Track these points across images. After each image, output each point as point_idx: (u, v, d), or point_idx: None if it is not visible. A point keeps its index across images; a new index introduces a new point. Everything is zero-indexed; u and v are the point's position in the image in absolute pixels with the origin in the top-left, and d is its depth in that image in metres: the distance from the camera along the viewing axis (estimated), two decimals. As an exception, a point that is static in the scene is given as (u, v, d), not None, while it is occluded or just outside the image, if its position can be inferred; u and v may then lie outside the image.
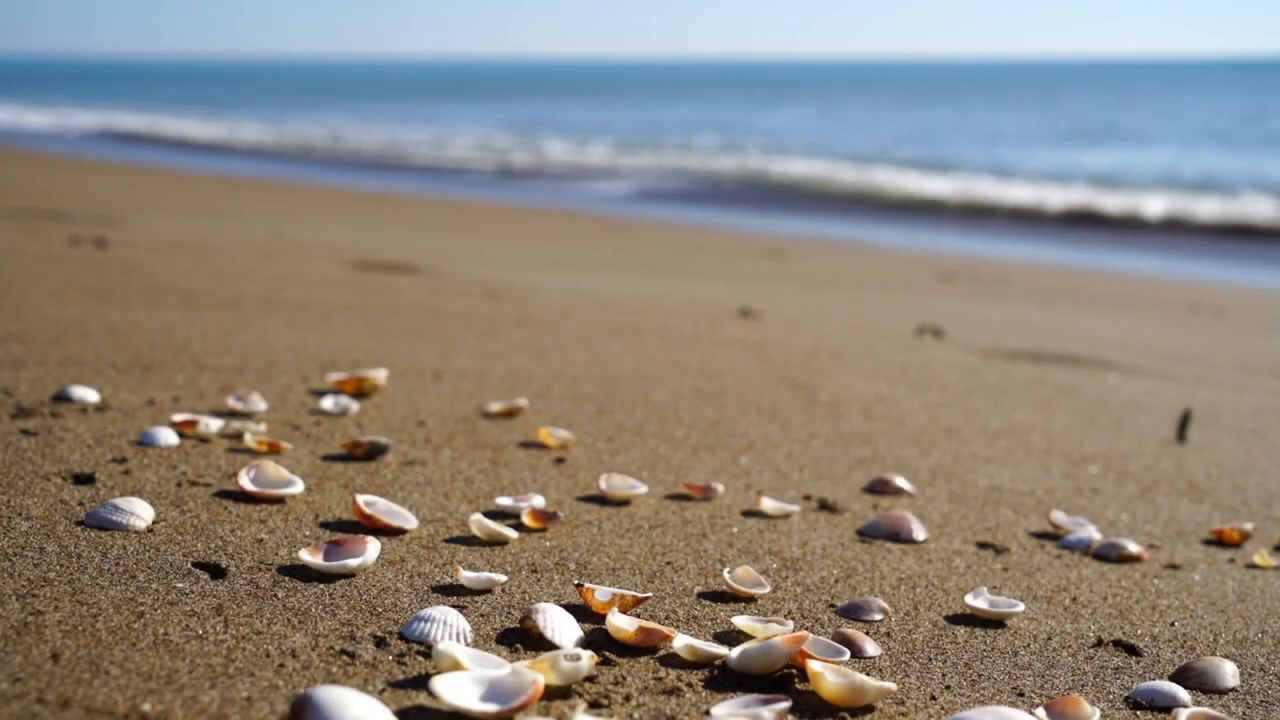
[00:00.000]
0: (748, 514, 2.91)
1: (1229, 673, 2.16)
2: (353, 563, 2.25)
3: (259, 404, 3.39)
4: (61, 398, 3.28)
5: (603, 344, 4.89)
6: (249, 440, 3.00)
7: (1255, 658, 2.30)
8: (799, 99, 59.61)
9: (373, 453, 3.05)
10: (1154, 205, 17.77)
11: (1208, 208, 17.44)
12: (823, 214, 17.23)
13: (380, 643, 1.97)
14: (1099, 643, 2.29)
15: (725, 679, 1.97)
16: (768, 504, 2.91)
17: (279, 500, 2.64)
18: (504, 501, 2.74)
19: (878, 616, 2.32)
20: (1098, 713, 1.92)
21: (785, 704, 1.82)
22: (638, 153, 26.74)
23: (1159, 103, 52.38)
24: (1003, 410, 4.32)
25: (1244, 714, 2.06)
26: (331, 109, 45.45)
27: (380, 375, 3.71)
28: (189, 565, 2.23)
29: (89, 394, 3.31)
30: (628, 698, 1.86)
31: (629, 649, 2.05)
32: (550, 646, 2.02)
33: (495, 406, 3.62)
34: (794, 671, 2.01)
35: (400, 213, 12.72)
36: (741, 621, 2.16)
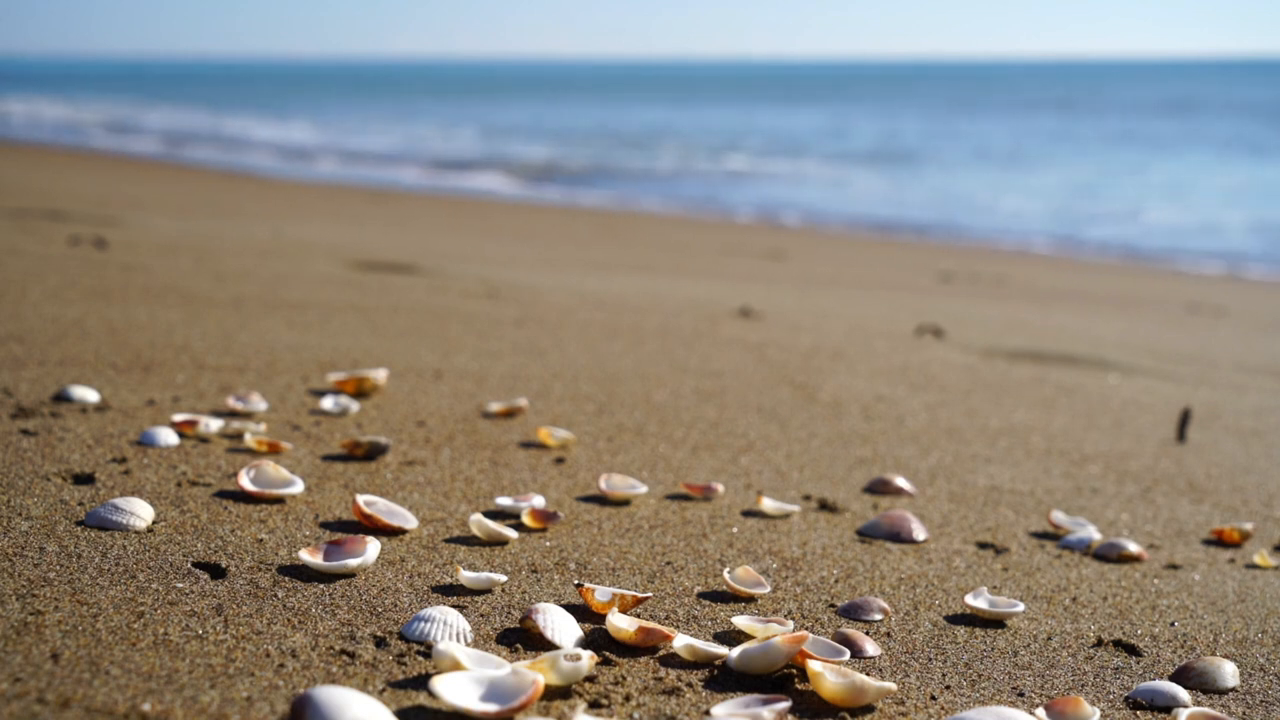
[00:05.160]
0: (748, 514, 2.91)
1: (1229, 673, 2.16)
2: (353, 563, 2.25)
3: (259, 404, 3.39)
4: (61, 398, 3.28)
5: (603, 344, 4.89)
6: (249, 440, 3.00)
7: (1255, 658, 2.30)
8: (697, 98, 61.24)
9: (373, 453, 3.05)
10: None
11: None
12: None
13: (380, 643, 1.97)
14: (1099, 643, 2.29)
15: (725, 679, 1.97)
16: (768, 504, 2.91)
17: (279, 500, 2.64)
18: (504, 501, 2.74)
19: (878, 616, 2.32)
20: (1098, 713, 1.92)
21: (785, 704, 1.82)
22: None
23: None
24: (1003, 410, 4.32)
25: (1244, 714, 2.06)
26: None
27: (380, 375, 3.71)
28: (189, 565, 2.23)
29: (89, 394, 3.31)
30: (628, 698, 1.86)
31: (629, 649, 2.05)
32: (550, 646, 2.02)
33: (495, 406, 3.62)
34: (794, 671, 2.01)
35: (400, 213, 12.72)
36: (741, 621, 2.16)
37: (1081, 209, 18.00)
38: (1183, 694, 2.05)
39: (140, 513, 2.40)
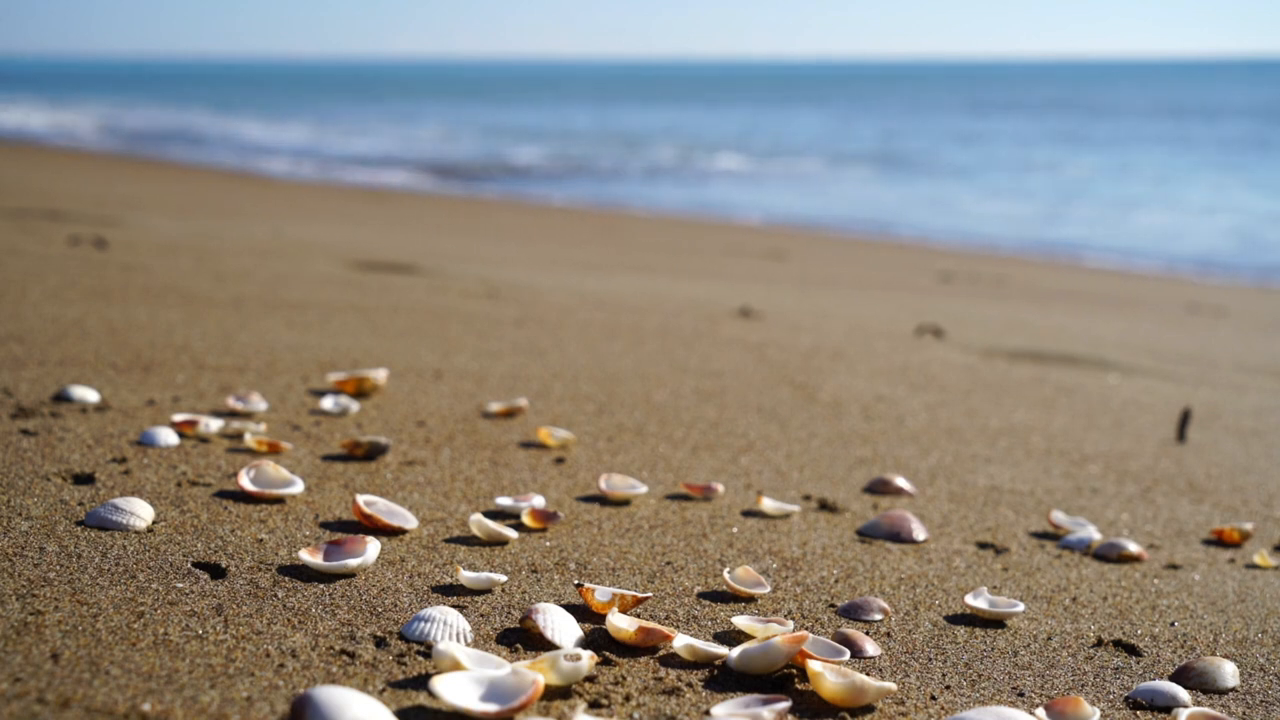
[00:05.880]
0: (748, 514, 2.91)
1: (1229, 673, 2.16)
2: (353, 563, 2.25)
3: (259, 404, 3.39)
4: (61, 398, 3.28)
5: (603, 344, 4.89)
6: (249, 440, 3.00)
7: (1255, 658, 2.30)
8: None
9: (373, 453, 3.05)
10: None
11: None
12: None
13: (380, 643, 1.97)
14: (1099, 643, 2.29)
15: (725, 679, 1.97)
16: (768, 504, 2.91)
17: (279, 500, 2.64)
18: (504, 501, 2.74)
19: (878, 616, 2.32)
20: (1098, 713, 1.92)
21: (785, 704, 1.82)
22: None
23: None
24: (1003, 410, 4.32)
25: (1244, 714, 2.06)
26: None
27: (380, 375, 3.71)
28: (189, 565, 2.23)
29: (89, 394, 3.31)
30: (628, 698, 1.86)
31: (629, 649, 2.05)
32: (550, 646, 2.02)
33: (495, 406, 3.62)
34: (794, 671, 2.01)
35: (400, 212, 12.72)
36: (741, 621, 2.16)
37: (1081, 210, 18.00)
38: (1183, 694, 2.05)
39: (140, 513, 2.40)
